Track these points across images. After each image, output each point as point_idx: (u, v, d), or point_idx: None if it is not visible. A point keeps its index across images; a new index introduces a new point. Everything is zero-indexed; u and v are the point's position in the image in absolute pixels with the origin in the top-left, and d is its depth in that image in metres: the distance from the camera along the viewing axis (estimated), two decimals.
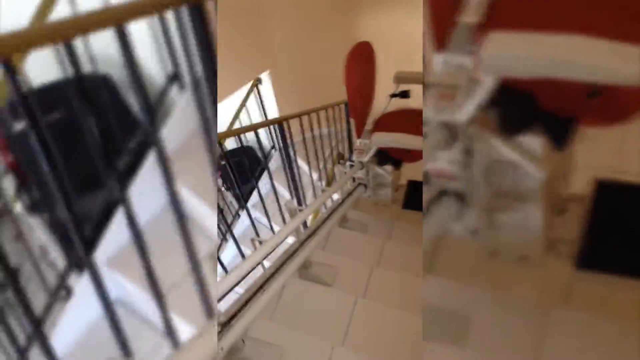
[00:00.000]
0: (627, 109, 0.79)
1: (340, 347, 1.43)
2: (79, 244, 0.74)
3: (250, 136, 3.94)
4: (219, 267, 2.08)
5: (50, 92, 1.18)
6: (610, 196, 1.07)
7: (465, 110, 0.84)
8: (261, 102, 3.49)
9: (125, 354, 0.88)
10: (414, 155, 2.18)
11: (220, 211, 2.42)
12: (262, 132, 3.83)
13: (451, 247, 1.17)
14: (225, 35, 2.91)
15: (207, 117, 0.92)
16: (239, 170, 2.94)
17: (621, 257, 0.98)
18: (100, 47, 1.11)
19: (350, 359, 1.39)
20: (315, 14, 3.39)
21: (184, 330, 0.99)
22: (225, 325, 1.22)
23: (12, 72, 0.60)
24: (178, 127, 1.29)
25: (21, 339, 1.02)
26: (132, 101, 1.30)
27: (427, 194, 1.01)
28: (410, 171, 2.56)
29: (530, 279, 1.08)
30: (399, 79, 2.14)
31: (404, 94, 2.13)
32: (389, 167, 2.32)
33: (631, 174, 1.24)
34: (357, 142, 2.32)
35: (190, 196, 1.20)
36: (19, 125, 1.07)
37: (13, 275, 0.77)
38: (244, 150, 3.70)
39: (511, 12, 0.79)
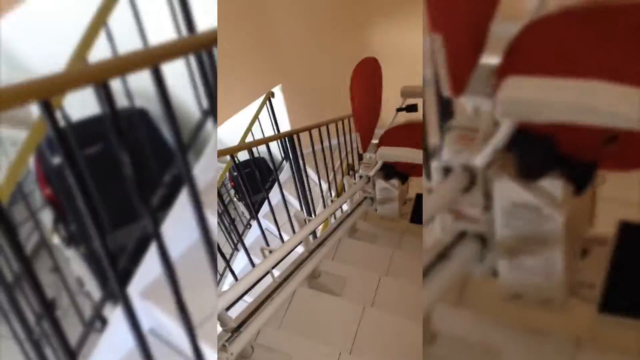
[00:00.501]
0: None
1: (347, 355, 1.45)
2: (113, 277, 0.77)
3: (262, 148, 4.02)
4: (229, 275, 2.13)
5: (89, 127, 1.23)
6: (634, 238, 1.05)
7: (484, 154, 0.85)
8: (273, 114, 3.57)
9: None
10: (420, 170, 2.21)
11: (232, 221, 2.47)
12: (273, 143, 3.91)
13: (476, 285, 1.17)
14: (239, 51, 3.00)
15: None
16: (250, 181, 3.00)
17: None
18: (138, 81, 1.18)
19: None
20: (326, 28, 3.47)
21: None
22: (235, 332, 1.26)
23: (50, 112, 0.64)
24: (212, 161, 1.31)
25: None
26: (168, 135, 1.34)
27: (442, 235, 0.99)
28: (420, 184, 2.56)
29: (555, 322, 1.06)
30: (406, 93, 2.17)
31: (411, 108, 2.16)
32: (395, 181, 2.32)
33: None
34: (364, 156, 2.34)
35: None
36: (58, 159, 1.13)
37: (49, 307, 0.80)
38: (256, 162, 3.78)
39: (530, 56, 0.80)
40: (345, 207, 2.77)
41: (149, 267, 1.15)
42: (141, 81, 1.12)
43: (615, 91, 0.69)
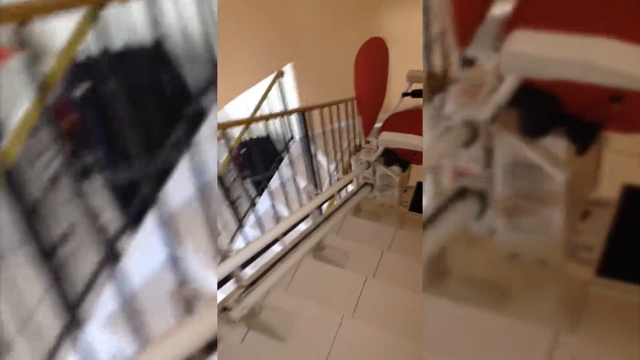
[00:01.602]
0: None
1: (349, 318, 1.54)
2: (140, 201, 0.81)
3: (269, 127, 4.06)
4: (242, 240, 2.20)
5: (112, 58, 1.24)
6: (638, 202, 1.02)
7: (487, 109, 0.83)
8: (283, 93, 3.62)
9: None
10: (421, 157, 2.17)
11: (237, 198, 2.53)
12: (280, 124, 3.95)
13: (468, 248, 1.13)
14: (250, 29, 3.04)
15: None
16: (258, 159, 3.05)
17: None
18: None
19: (359, 328, 1.50)
20: (339, 8, 3.48)
21: None
22: (247, 288, 1.35)
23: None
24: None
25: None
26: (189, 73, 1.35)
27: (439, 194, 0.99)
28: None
29: (549, 284, 1.04)
30: (412, 77, 2.12)
31: (417, 93, 2.11)
32: (396, 168, 2.26)
33: None
34: (365, 141, 2.28)
35: None
36: (81, 89, 1.16)
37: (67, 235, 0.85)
38: (263, 140, 3.84)
39: (539, 10, 0.78)
40: (350, 187, 2.84)
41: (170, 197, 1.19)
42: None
43: (622, 49, 0.67)
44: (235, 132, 3.38)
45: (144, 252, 1.08)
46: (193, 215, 1.04)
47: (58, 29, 0.84)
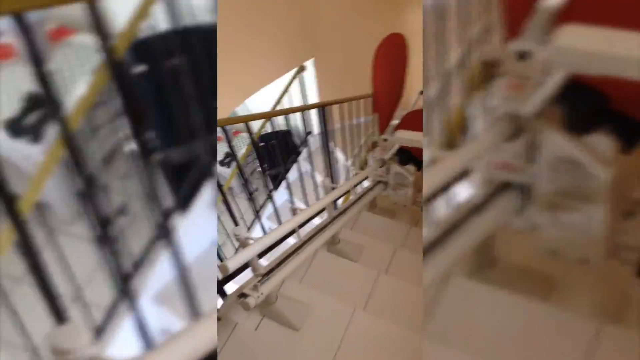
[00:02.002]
0: None
1: (361, 311, 1.58)
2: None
3: (282, 123, 4.11)
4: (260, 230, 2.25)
5: (173, 38, 1.21)
6: None
7: (533, 103, 0.81)
8: (304, 88, 3.65)
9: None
10: None
11: (255, 190, 2.58)
12: (299, 118, 3.99)
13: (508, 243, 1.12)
14: (273, 24, 3.07)
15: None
16: (276, 152, 3.10)
17: None
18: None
19: (370, 321, 1.53)
20: (363, 3, 3.49)
21: None
22: (264, 277, 1.40)
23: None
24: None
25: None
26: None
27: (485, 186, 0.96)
28: None
29: (588, 284, 1.03)
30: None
31: None
32: (411, 167, 2.22)
33: None
34: (381, 138, 2.23)
35: None
36: (139, 68, 1.15)
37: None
38: (283, 134, 3.88)
39: (591, 4, 0.76)
40: (366, 183, 2.86)
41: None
42: None
43: None
44: (255, 125, 3.44)
45: (195, 230, 1.13)
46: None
47: (121, 8, 0.87)
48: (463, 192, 1.03)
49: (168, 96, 0.78)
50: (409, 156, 2.21)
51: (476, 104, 0.96)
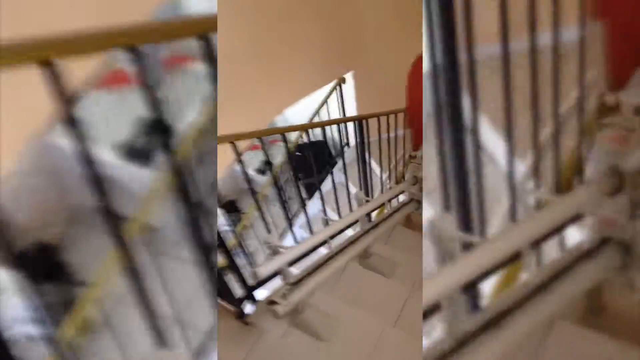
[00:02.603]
0: None
1: (391, 327, 1.53)
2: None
3: (328, 132, 4.13)
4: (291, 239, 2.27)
5: None
6: None
7: (637, 157, 0.78)
8: (342, 100, 3.67)
9: None
10: None
11: (289, 198, 2.60)
12: (335, 130, 4.01)
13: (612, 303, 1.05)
14: (315, 35, 3.12)
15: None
16: (312, 162, 3.12)
17: None
18: None
19: (400, 338, 1.49)
20: (406, 17, 3.47)
21: None
22: (294, 285, 1.39)
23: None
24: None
25: None
26: None
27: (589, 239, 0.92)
28: None
29: None
30: None
31: None
32: None
33: None
34: (415, 155, 2.18)
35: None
36: None
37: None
38: (320, 145, 3.90)
39: None
40: (402, 197, 2.81)
41: None
42: None
43: None
44: (293, 135, 3.48)
45: None
46: None
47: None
48: (572, 236, 0.97)
49: None
50: None
51: (590, 147, 0.90)
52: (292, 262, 1.50)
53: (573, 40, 0.87)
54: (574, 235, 0.98)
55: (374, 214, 2.72)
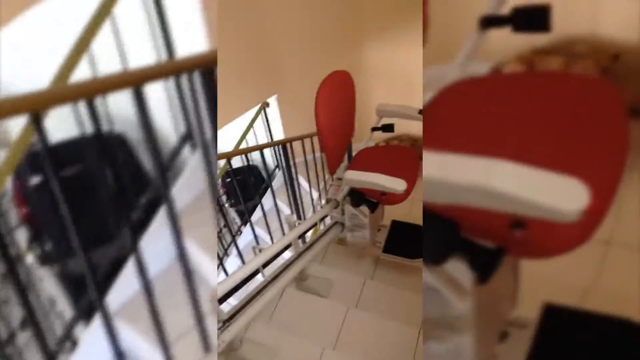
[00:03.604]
0: (560, 245, 0.68)
1: (331, 350, 1.52)
2: (93, 290, 0.78)
3: (255, 156, 4.13)
4: (222, 272, 2.19)
5: (67, 148, 1.23)
6: (558, 321, 0.97)
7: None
8: (268, 124, 3.68)
9: None
10: (390, 198, 1.84)
11: (224, 227, 2.53)
12: (267, 152, 4.00)
13: None
14: (237, 62, 3.12)
15: (214, 175, 0.98)
16: (243, 187, 3.07)
17: None
18: (117, 107, 1.18)
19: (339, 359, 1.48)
20: (323, 42, 3.60)
21: None
22: (225, 323, 1.33)
23: (39, 127, 0.67)
24: (187, 185, 1.31)
25: None
26: (145, 160, 1.37)
27: None
28: (399, 209, 2.04)
29: None
30: (381, 112, 2.05)
31: (388, 128, 2.02)
32: (365, 209, 1.99)
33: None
34: (332, 178, 2.09)
35: (196, 250, 1.21)
36: (35, 179, 1.16)
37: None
38: (250, 169, 3.86)
39: (439, 130, 0.73)
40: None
41: (123, 287, 1.14)
42: (120, 108, 1.15)
43: (520, 173, 0.57)
44: (220, 162, 3.41)
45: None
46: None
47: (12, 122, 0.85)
48: None
49: (65, 205, 0.73)
50: (362, 197, 1.99)
51: None
52: (226, 296, 1.44)
53: None
54: None
55: (308, 234, 2.72)
